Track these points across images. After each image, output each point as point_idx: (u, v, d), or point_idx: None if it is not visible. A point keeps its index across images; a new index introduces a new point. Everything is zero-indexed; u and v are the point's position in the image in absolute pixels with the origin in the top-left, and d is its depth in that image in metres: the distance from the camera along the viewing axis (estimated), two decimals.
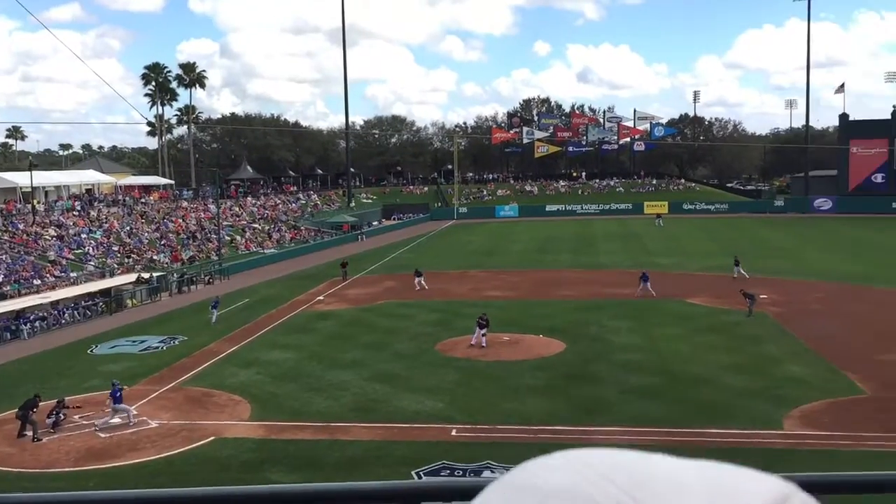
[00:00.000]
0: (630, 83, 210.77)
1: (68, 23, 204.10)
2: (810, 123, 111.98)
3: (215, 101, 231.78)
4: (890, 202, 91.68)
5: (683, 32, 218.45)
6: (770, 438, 20.55)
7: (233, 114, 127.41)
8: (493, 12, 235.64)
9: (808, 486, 1.42)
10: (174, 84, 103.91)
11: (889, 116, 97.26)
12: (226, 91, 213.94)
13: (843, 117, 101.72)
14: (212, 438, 21.65)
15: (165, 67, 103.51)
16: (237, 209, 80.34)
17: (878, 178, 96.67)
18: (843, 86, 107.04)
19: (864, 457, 18.94)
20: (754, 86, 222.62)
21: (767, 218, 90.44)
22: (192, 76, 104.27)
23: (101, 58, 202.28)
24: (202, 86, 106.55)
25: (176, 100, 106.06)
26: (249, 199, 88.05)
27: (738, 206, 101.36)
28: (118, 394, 22.98)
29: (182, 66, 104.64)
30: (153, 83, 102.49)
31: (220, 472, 19.30)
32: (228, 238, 66.83)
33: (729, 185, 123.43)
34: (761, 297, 37.94)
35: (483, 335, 30.98)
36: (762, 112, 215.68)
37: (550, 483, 0.86)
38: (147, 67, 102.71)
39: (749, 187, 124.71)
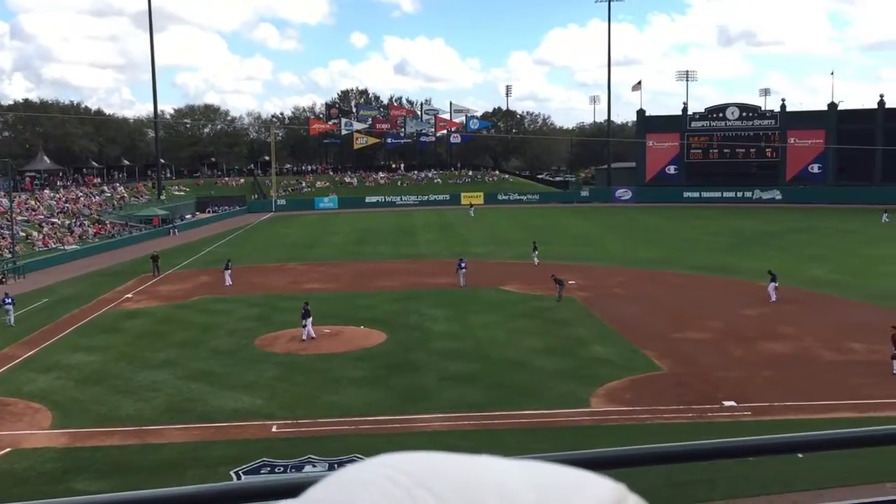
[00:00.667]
0: (446, 76, 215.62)
1: None
2: (612, 118, 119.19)
3: (6, 87, 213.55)
4: (682, 192, 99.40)
5: (495, 28, 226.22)
6: (578, 416, 21.76)
7: (26, 100, 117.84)
8: (308, 1, 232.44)
9: (611, 461, 1.52)
10: None
11: (680, 112, 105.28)
12: (17, 75, 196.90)
13: (640, 113, 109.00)
14: (7, 450, 20.02)
15: None
16: (33, 203, 74.49)
17: (671, 169, 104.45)
18: (639, 83, 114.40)
19: (663, 429, 20.47)
20: (561, 82, 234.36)
21: (574, 208, 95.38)
22: None
23: None
24: None
25: None
26: (47, 191, 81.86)
27: (548, 196, 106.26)
28: None
29: None
30: None
31: (16, 485, 17.89)
32: (23, 234, 61.85)
33: (539, 176, 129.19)
34: (570, 282, 40.01)
35: (304, 325, 30.74)
36: (569, 107, 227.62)
37: (363, 501, 0.77)
38: None
39: (558, 178, 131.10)
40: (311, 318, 31.08)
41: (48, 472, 18.65)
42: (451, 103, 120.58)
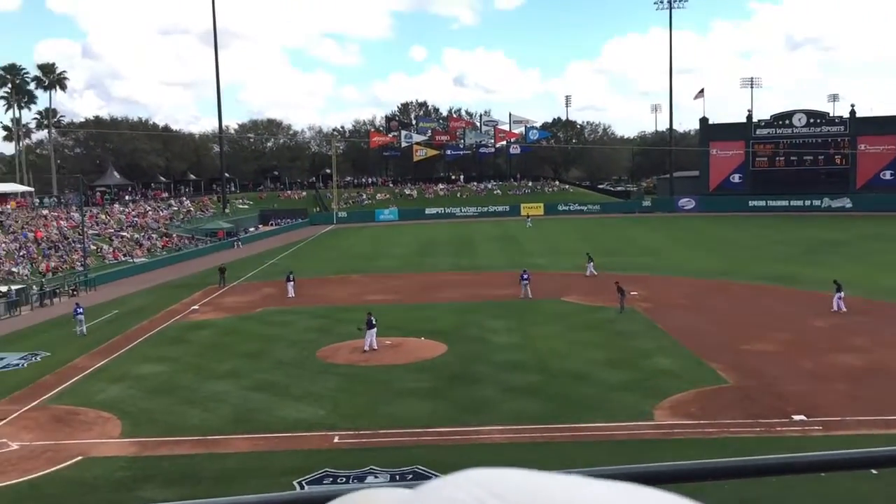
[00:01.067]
0: (505, 87, 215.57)
1: None
2: (674, 127, 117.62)
3: (78, 104, 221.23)
4: (747, 201, 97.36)
5: (554, 39, 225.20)
6: (642, 430, 21.37)
7: (97, 117, 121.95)
8: (369, 16, 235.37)
9: (678, 475, 1.46)
10: (32, 86, 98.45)
11: (745, 120, 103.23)
12: (89, 93, 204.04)
13: (704, 121, 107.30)
14: (79, 458, 20.56)
15: (22, 69, 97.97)
16: (104, 217, 76.84)
17: (736, 178, 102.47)
18: (702, 91, 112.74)
19: (730, 443, 19.97)
20: (621, 91, 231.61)
21: (636, 218, 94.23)
22: (52, 77, 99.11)
23: None
24: (63, 88, 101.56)
25: (34, 102, 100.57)
26: (117, 206, 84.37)
27: (610, 206, 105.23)
28: None
29: (41, 66, 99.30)
30: (9, 85, 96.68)
31: (88, 493, 18.36)
32: (94, 247, 63.80)
33: (600, 186, 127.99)
34: (632, 293, 39.46)
35: (372, 336, 31.03)
36: (630, 116, 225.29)
37: None
38: (2, 69, 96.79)
39: (619, 188, 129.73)
40: (374, 329, 31.28)
41: (118, 481, 19.09)
42: (510, 114, 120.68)
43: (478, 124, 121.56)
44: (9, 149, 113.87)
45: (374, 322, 31.38)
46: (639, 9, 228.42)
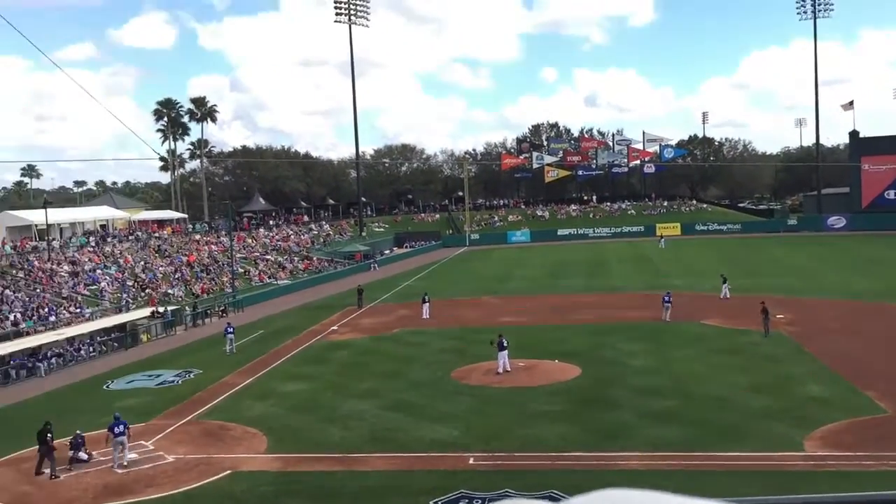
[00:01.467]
0: (637, 106, 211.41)
1: (82, 62, 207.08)
2: (821, 141, 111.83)
3: (227, 135, 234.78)
4: None
5: (689, 55, 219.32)
6: (791, 460, 20.30)
7: (244, 146, 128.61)
8: (499, 40, 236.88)
9: None
10: (186, 119, 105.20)
11: None
12: (237, 124, 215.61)
13: (854, 134, 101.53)
14: (228, 472, 21.59)
15: (177, 102, 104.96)
16: (250, 241, 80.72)
17: (891, 194, 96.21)
18: (851, 103, 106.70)
19: (890, 476, 18.66)
20: (762, 105, 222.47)
21: (781, 237, 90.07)
22: (203, 110, 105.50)
23: (114, 95, 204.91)
24: (213, 120, 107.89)
25: (188, 134, 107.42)
26: (262, 230, 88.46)
27: (751, 225, 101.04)
28: (117, 427, 22.58)
29: (193, 100, 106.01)
30: (165, 118, 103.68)
31: None
32: (242, 270, 67.09)
33: (741, 204, 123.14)
34: (777, 316, 37.67)
35: (504, 358, 31.02)
36: (772, 131, 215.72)
37: None
38: (159, 103, 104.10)
39: (761, 207, 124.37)
40: (506, 351, 31.27)
41: (263, 495, 19.90)
42: (643, 133, 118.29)
43: (610, 144, 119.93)
44: (165, 178, 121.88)
45: (505, 343, 31.35)
46: (780, 21, 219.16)
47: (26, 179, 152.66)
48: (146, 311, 47.80)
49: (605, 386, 28.58)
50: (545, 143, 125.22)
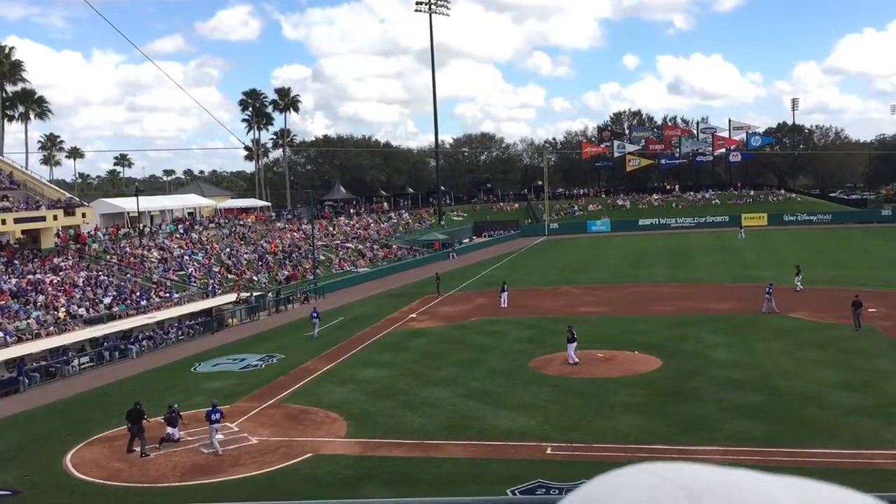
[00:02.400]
0: (724, 93, 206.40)
1: (170, 54, 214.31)
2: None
3: (309, 124, 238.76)
4: None
5: (778, 39, 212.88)
6: (883, 459, 19.54)
7: (325, 136, 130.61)
8: (579, 26, 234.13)
9: None
10: (270, 109, 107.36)
11: None
12: (318, 114, 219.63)
13: None
14: (309, 455, 22.06)
15: (262, 93, 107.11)
16: (331, 229, 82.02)
17: None
18: None
19: None
20: (856, 91, 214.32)
21: (874, 228, 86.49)
22: (287, 101, 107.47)
23: (201, 86, 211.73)
24: (296, 110, 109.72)
25: (272, 124, 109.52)
26: (343, 218, 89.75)
27: (843, 216, 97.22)
28: (214, 415, 23.13)
29: (277, 90, 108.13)
30: (250, 109, 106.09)
31: (317, 488, 19.62)
32: (323, 258, 68.24)
33: (832, 194, 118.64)
34: (870, 310, 36.23)
35: (572, 350, 30.81)
36: (866, 118, 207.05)
37: (628, 498, 0.85)
38: (244, 94, 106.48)
39: (854, 196, 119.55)
40: (575, 343, 30.89)
41: (344, 478, 20.28)
42: (729, 120, 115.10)
43: (694, 132, 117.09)
44: (250, 167, 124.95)
45: (574, 335, 31.04)
46: (875, 2, 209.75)
47: (119, 168, 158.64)
48: (231, 297, 49.18)
49: (687, 378, 28.04)
50: (626, 131, 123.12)
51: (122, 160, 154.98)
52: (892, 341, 32.12)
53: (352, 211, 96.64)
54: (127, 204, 70.72)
